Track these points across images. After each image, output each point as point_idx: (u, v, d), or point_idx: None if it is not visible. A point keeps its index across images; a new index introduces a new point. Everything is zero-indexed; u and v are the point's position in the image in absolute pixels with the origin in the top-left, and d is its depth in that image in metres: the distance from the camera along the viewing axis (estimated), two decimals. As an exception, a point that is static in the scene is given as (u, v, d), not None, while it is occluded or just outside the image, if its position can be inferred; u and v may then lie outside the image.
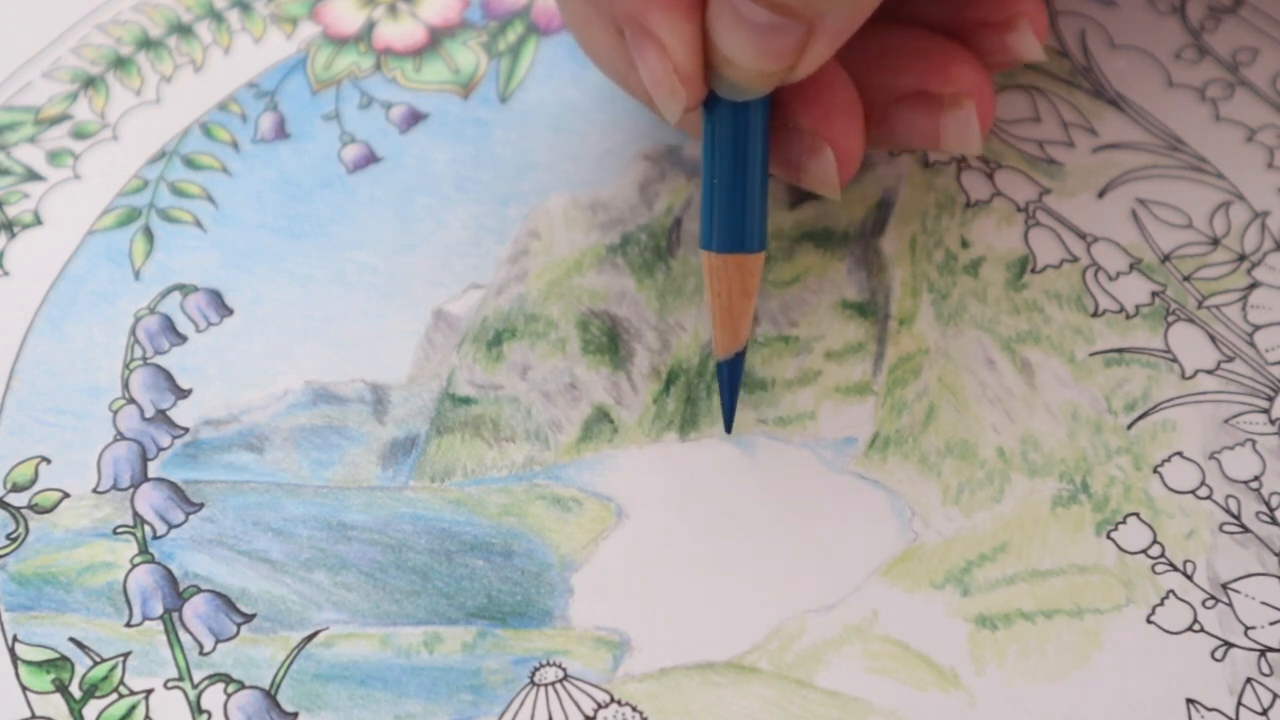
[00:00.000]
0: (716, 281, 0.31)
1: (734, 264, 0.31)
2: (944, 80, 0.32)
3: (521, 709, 0.30)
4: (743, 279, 0.31)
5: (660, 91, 0.30)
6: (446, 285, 0.35)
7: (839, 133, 0.32)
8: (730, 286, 0.31)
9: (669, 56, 0.29)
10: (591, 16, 0.32)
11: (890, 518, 0.32)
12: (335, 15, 0.41)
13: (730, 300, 0.31)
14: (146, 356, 0.34)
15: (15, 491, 0.32)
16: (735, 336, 0.32)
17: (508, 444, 0.33)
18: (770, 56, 0.29)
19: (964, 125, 0.32)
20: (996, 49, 0.33)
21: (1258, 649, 0.30)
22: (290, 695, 0.30)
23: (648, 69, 0.30)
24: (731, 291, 0.31)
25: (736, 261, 0.31)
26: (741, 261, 0.31)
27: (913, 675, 0.30)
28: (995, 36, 0.33)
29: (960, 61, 0.32)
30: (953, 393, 0.34)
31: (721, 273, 0.31)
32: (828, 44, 0.29)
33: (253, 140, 0.38)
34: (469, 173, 0.37)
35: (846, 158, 0.32)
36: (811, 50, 0.29)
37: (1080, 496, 0.32)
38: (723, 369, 0.32)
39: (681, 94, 0.29)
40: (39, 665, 0.30)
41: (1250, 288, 0.35)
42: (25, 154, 0.38)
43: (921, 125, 0.33)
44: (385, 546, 0.32)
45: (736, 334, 0.32)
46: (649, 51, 0.29)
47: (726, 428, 0.33)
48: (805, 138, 0.32)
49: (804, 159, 0.32)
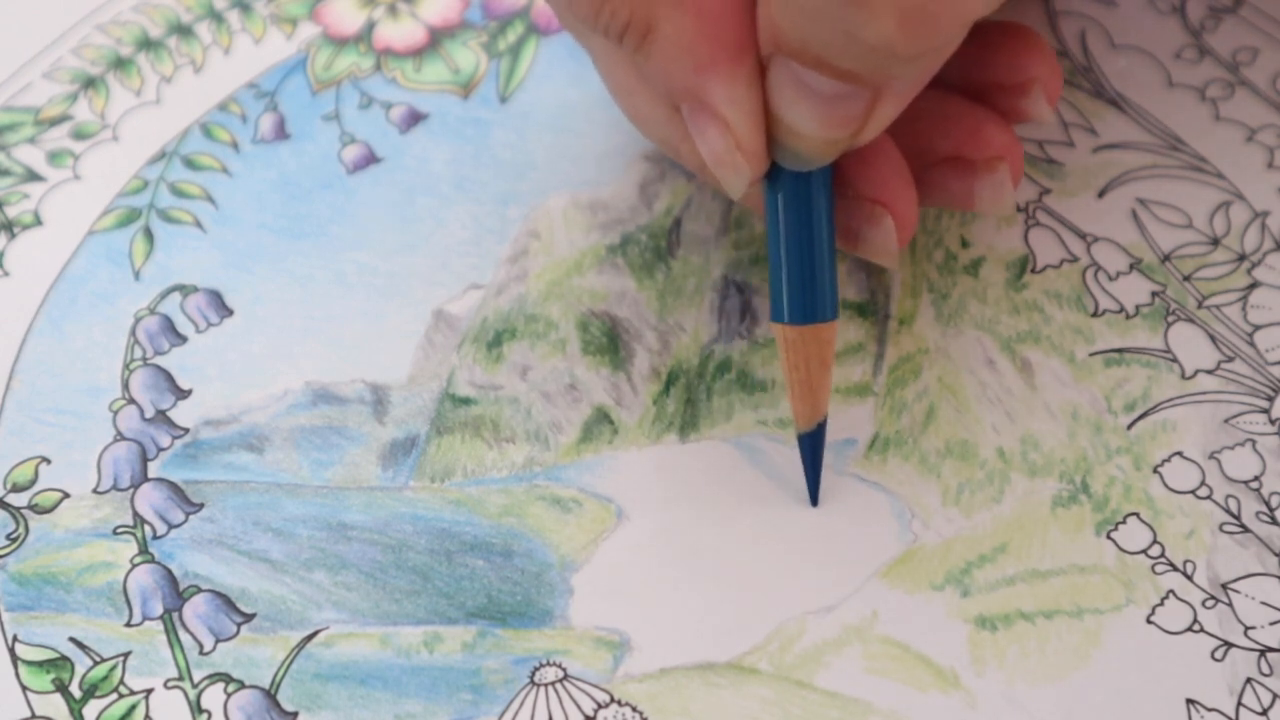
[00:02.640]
0: (793, 354, 0.31)
1: (810, 335, 0.30)
2: (978, 145, 0.32)
3: (521, 709, 0.30)
4: (819, 349, 0.31)
5: (724, 169, 0.29)
6: (446, 285, 0.35)
7: (896, 199, 0.31)
8: (808, 358, 0.31)
9: (732, 132, 0.28)
10: (639, 89, 0.31)
11: (890, 519, 0.32)
12: (335, 15, 0.41)
13: (809, 372, 0.31)
14: (146, 357, 0.34)
15: (15, 491, 0.32)
16: (815, 409, 0.31)
17: (508, 444, 0.33)
18: (836, 124, 0.28)
19: (998, 188, 0.32)
20: (1010, 111, 0.32)
21: (1258, 649, 0.30)
22: (290, 695, 0.30)
23: (708, 146, 0.29)
24: (810, 363, 0.31)
25: (813, 332, 0.30)
26: (817, 332, 0.30)
27: (913, 676, 0.30)
28: (1010, 100, 0.32)
29: (993, 124, 0.32)
30: (953, 393, 0.34)
31: (798, 344, 0.31)
32: (894, 106, 0.28)
33: (253, 141, 0.38)
34: (469, 173, 0.37)
35: (904, 223, 0.31)
36: (878, 114, 0.28)
37: (1080, 497, 0.32)
38: (804, 442, 0.32)
39: (746, 170, 0.29)
40: (39, 665, 0.30)
41: (1250, 288, 0.35)
42: (25, 154, 0.38)
43: (955, 188, 0.32)
44: (385, 546, 0.32)
45: (816, 406, 0.31)
46: (710, 128, 0.28)
47: (812, 500, 0.32)
48: (864, 206, 0.31)
49: (863, 227, 0.31)
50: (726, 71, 0.28)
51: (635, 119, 0.33)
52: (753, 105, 0.28)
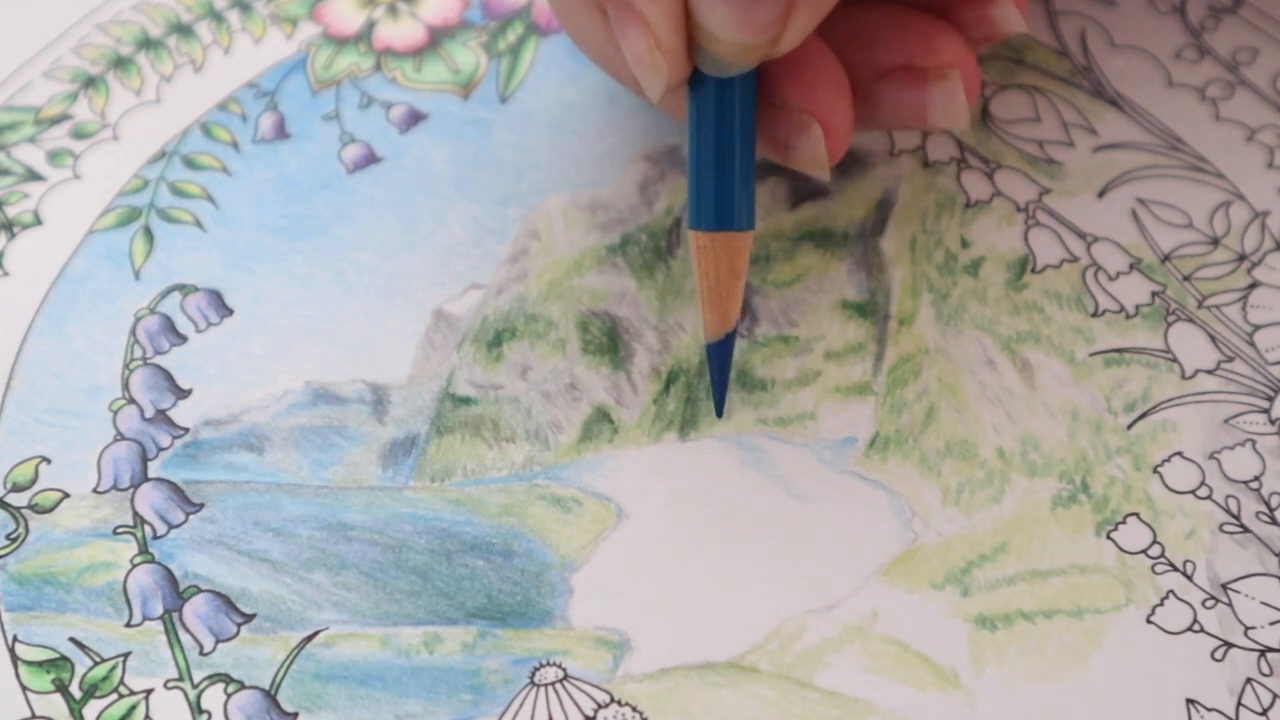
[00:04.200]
0: (704, 261, 0.31)
1: (721, 243, 0.31)
2: (928, 53, 0.32)
3: (521, 709, 0.30)
4: (730, 258, 0.31)
5: (643, 69, 0.29)
6: (446, 285, 0.35)
7: (826, 108, 0.31)
8: (718, 266, 0.31)
9: (651, 32, 0.29)
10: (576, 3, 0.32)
11: (890, 518, 0.32)
12: (335, 15, 0.41)
13: (719, 280, 0.31)
14: (146, 356, 0.34)
15: (15, 491, 0.32)
16: (724, 318, 0.32)
17: (508, 444, 0.33)
18: (752, 29, 0.28)
19: (950, 98, 0.32)
20: (978, 22, 0.33)
21: (1258, 649, 0.30)
22: (290, 695, 0.30)
23: (630, 46, 0.29)
24: (719, 271, 0.31)
25: (724, 240, 0.31)
26: (729, 240, 0.31)
27: (913, 675, 0.30)
28: (976, 10, 0.33)
29: (943, 34, 0.32)
30: (953, 393, 0.34)
31: (709, 252, 0.31)
32: (809, 15, 0.29)
33: (253, 140, 0.38)
34: (469, 173, 0.37)
35: (835, 134, 0.31)
36: (794, 22, 0.29)
37: (1080, 496, 0.32)
38: (712, 352, 0.32)
39: (664, 70, 0.29)
40: (39, 665, 0.30)
41: (1250, 288, 0.35)
42: (25, 154, 0.38)
43: (908, 100, 0.32)
44: (385, 546, 0.32)
45: (725, 316, 0.31)
46: (631, 28, 0.29)
47: (718, 412, 0.33)
48: (792, 115, 0.31)
49: (792, 137, 0.32)
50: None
51: (572, 32, 0.33)
52: (673, 7, 0.29)
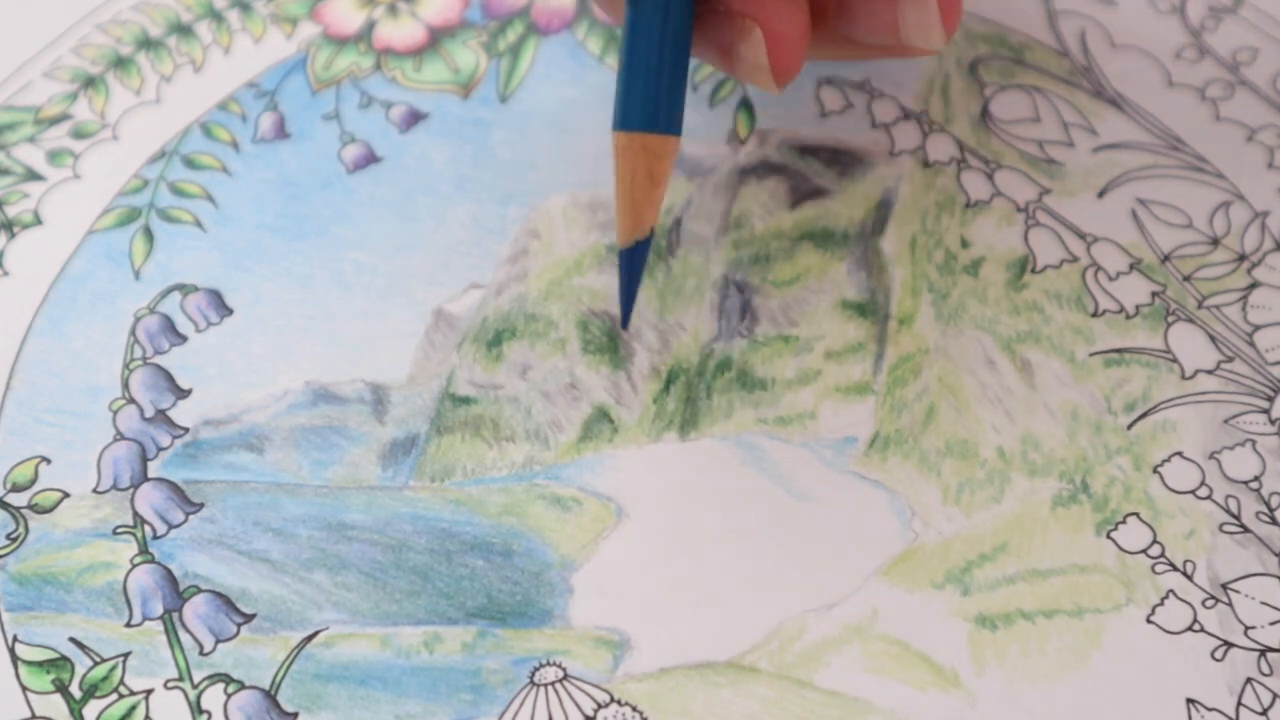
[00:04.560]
0: (623, 163, 0.30)
1: (640, 144, 0.30)
2: None
3: (521, 709, 0.30)
4: (649, 162, 0.30)
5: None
6: (446, 285, 0.35)
7: (770, 15, 0.30)
8: (636, 169, 0.30)
9: None
10: None
11: (890, 517, 0.32)
12: (335, 15, 0.41)
13: (634, 184, 0.30)
14: (146, 356, 0.34)
15: (15, 491, 0.32)
16: (637, 224, 0.31)
17: (508, 444, 0.33)
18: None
19: (923, 12, 0.31)
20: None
21: (1258, 649, 0.30)
22: (290, 695, 0.30)
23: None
24: (637, 174, 0.30)
25: (643, 142, 0.30)
26: (649, 142, 0.30)
27: (913, 675, 0.30)
28: None
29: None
30: (953, 393, 0.34)
31: (628, 153, 0.30)
32: None
33: (253, 140, 0.38)
34: (469, 173, 0.37)
35: (780, 40, 0.30)
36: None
37: (1080, 496, 0.32)
38: (623, 257, 0.31)
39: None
40: (39, 665, 0.30)
41: (1250, 288, 0.35)
42: (25, 154, 0.38)
43: (882, 15, 0.31)
44: (385, 546, 0.32)
45: (639, 221, 0.31)
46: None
47: (623, 323, 0.32)
48: (735, 20, 0.30)
49: (736, 43, 0.30)
50: None
51: None
52: None
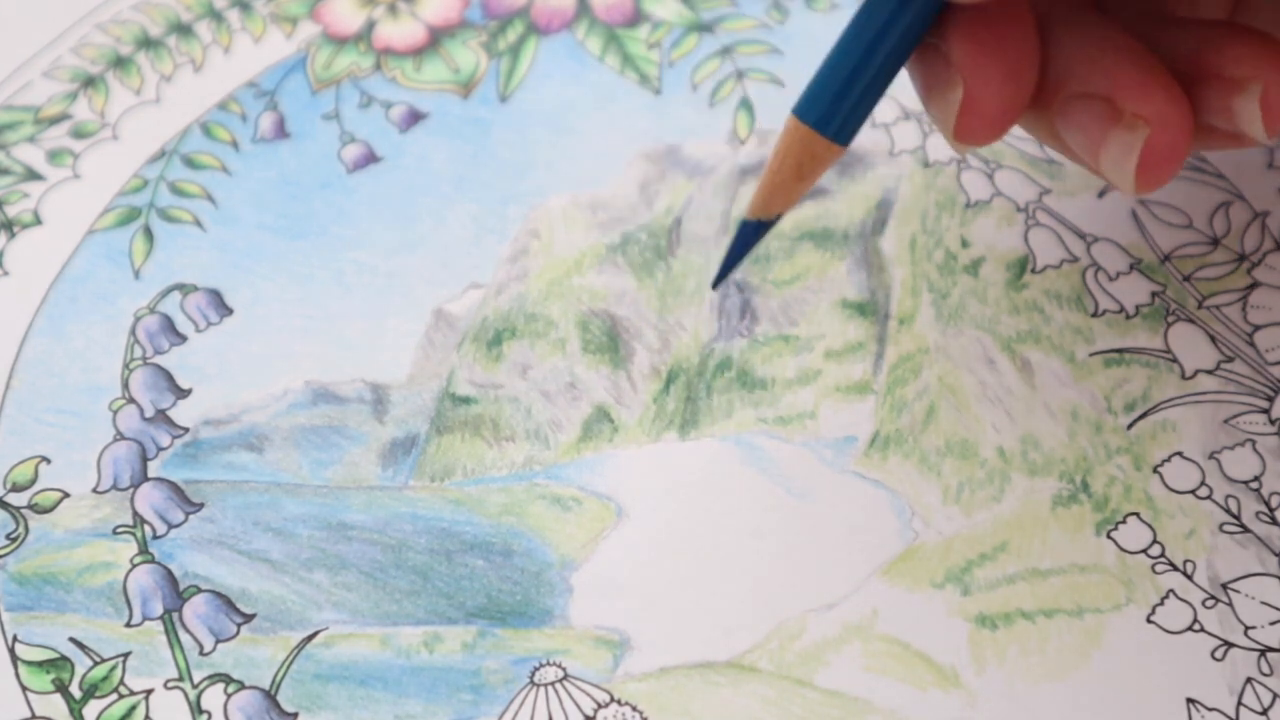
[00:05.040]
0: (783, 143, 0.29)
1: (805, 136, 0.29)
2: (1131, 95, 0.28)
3: (521, 709, 0.30)
4: (804, 157, 0.29)
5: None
6: (446, 285, 0.35)
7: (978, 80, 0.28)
8: (789, 155, 0.29)
9: None
10: None
11: (890, 517, 0.32)
12: (335, 15, 0.41)
13: (783, 167, 0.29)
14: (146, 356, 0.34)
15: (15, 491, 0.32)
16: (767, 205, 0.30)
17: (508, 443, 0.33)
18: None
19: (1126, 152, 0.29)
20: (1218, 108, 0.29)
21: (1258, 649, 0.30)
22: (290, 695, 0.30)
23: None
24: (788, 161, 0.29)
25: (809, 137, 0.29)
26: (813, 140, 0.29)
27: (913, 675, 0.30)
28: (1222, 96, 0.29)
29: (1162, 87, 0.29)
30: (953, 392, 0.34)
31: (791, 137, 0.29)
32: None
33: (253, 140, 0.38)
34: (469, 172, 0.37)
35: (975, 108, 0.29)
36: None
37: (1080, 496, 0.32)
38: (742, 226, 0.31)
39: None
40: (39, 665, 0.30)
41: (1250, 288, 0.35)
42: (25, 153, 0.38)
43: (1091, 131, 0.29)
44: (385, 546, 0.32)
45: (769, 204, 0.30)
46: None
47: (714, 283, 0.31)
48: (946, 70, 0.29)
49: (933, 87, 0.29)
50: None
51: None
52: None
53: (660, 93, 0.39)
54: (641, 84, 0.39)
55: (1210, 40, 0.29)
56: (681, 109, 0.39)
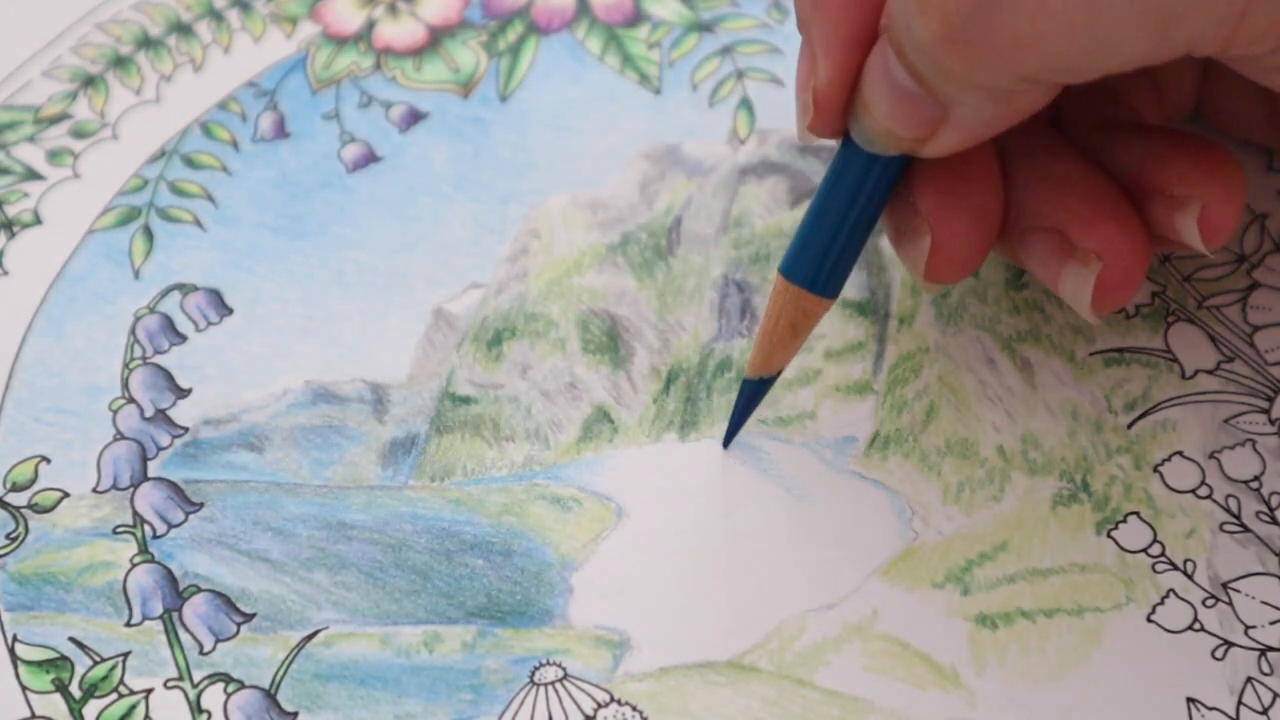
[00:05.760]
0: (774, 304, 0.31)
1: (796, 296, 0.31)
2: (1083, 230, 0.30)
3: (521, 708, 0.30)
4: (797, 315, 0.31)
5: (798, 97, 0.30)
6: (446, 285, 0.35)
7: (945, 229, 0.30)
8: (783, 315, 0.31)
9: (815, 74, 0.29)
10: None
11: (890, 517, 0.32)
12: (335, 15, 0.41)
13: (778, 326, 0.31)
14: (146, 356, 0.34)
15: (15, 491, 0.32)
16: (767, 363, 0.31)
17: (508, 443, 0.33)
18: (902, 121, 0.28)
19: (1081, 284, 0.30)
20: (1164, 223, 0.30)
21: (1258, 648, 0.30)
22: (290, 695, 0.30)
23: (799, 72, 0.30)
24: (782, 320, 0.31)
25: (799, 296, 0.31)
26: (804, 298, 0.31)
27: (913, 674, 0.30)
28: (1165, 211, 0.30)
29: (1113, 219, 0.30)
30: (953, 392, 0.34)
31: (783, 297, 0.31)
32: (958, 136, 0.28)
33: (253, 140, 0.38)
34: (469, 172, 0.37)
35: (944, 254, 0.30)
36: (942, 135, 0.28)
37: (1080, 495, 0.32)
38: (745, 385, 0.32)
39: (809, 112, 0.29)
40: (39, 665, 0.30)
41: (1250, 288, 0.35)
42: (25, 153, 0.38)
43: (1048, 263, 0.31)
44: (385, 546, 0.32)
45: (769, 362, 0.31)
46: (802, 61, 0.29)
47: (725, 442, 0.33)
48: (915, 219, 0.30)
49: (904, 235, 0.31)
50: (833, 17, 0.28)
51: None
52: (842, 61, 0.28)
53: (660, 92, 0.39)
54: (641, 84, 0.39)
55: (1156, 155, 0.31)
56: (681, 109, 0.39)
